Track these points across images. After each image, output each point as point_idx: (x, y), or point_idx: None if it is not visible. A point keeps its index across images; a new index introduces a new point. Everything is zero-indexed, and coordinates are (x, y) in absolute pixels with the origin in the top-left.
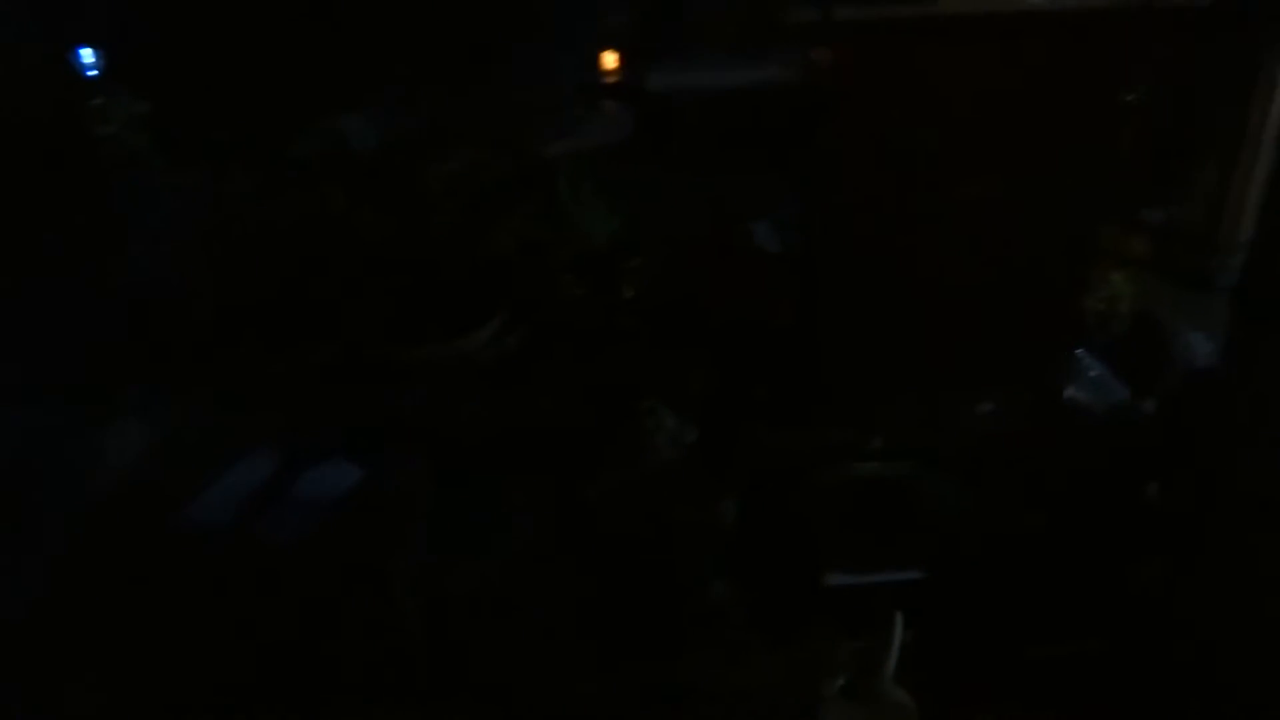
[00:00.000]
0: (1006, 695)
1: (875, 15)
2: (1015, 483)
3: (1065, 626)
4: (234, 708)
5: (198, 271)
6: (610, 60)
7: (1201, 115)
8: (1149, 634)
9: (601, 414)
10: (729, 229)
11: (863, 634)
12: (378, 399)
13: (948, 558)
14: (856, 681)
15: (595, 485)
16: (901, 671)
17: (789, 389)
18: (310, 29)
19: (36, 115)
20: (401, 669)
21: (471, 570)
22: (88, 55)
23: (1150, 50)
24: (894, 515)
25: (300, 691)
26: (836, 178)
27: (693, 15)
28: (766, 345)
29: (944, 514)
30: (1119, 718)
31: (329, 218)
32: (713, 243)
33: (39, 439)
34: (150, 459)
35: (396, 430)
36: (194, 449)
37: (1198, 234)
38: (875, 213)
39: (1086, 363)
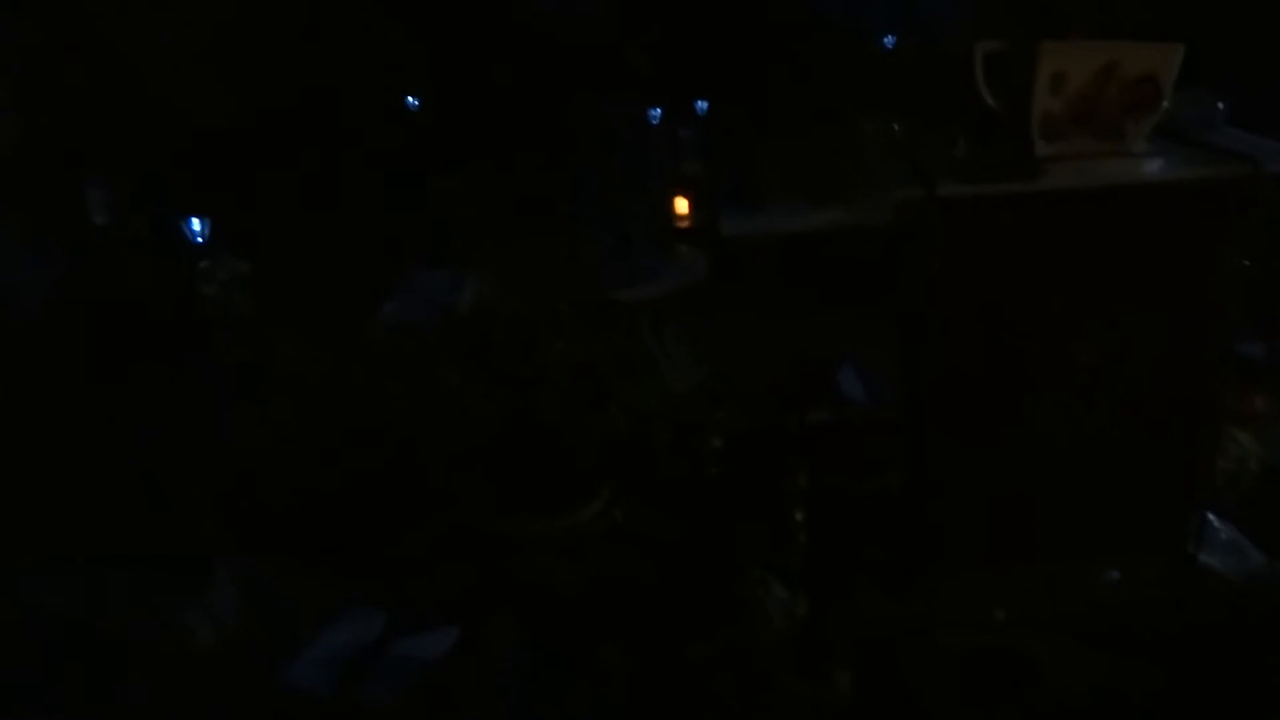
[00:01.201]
0: None
1: (978, 192)
2: (1146, 655)
3: None
4: None
5: (313, 441)
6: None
7: None
8: None
9: (708, 583)
10: (822, 381)
11: None
12: (484, 567)
13: None
14: None
15: (705, 647)
16: None
17: (902, 556)
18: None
19: (145, 280)
20: None
21: None
22: (195, 224)
23: (1257, 217)
24: (1016, 687)
25: None
26: (942, 340)
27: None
28: (875, 509)
29: (1069, 687)
30: None
31: (442, 394)
32: (804, 395)
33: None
34: (253, 622)
35: (499, 595)
36: (297, 613)
37: None
38: (985, 375)
39: (1218, 526)
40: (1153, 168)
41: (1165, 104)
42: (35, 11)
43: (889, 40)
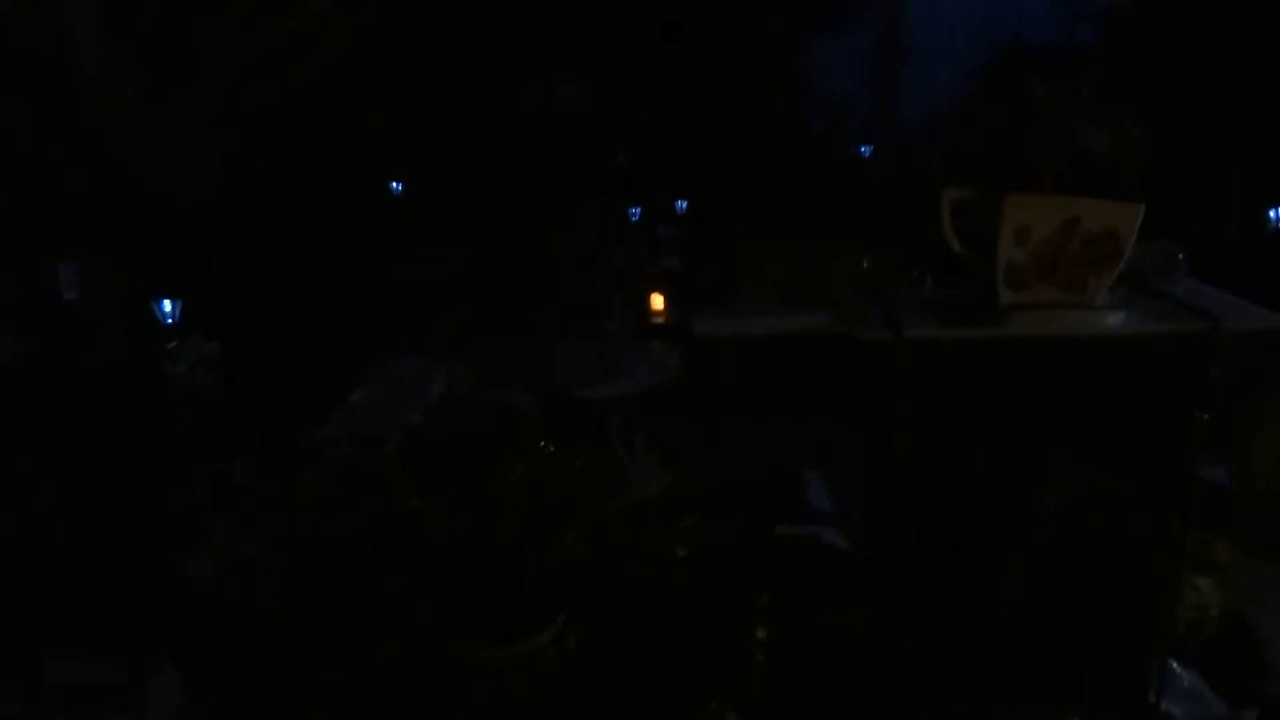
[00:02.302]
0: None
1: (944, 335)
2: None
3: None
4: None
5: (265, 558)
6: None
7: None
8: None
9: (667, 713)
10: (791, 492)
11: None
12: (436, 693)
13: None
14: None
15: None
16: None
17: (862, 693)
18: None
19: (112, 357)
20: None
21: None
22: (167, 304)
23: (1216, 372)
24: None
25: None
26: (908, 476)
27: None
28: (837, 639)
29: None
30: None
31: (399, 516)
32: (772, 506)
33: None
34: None
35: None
36: None
37: (1264, 499)
38: (950, 513)
39: (1179, 673)
40: (1114, 320)
41: (1124, 260)
42: (21, 90)
43: (865, 150)
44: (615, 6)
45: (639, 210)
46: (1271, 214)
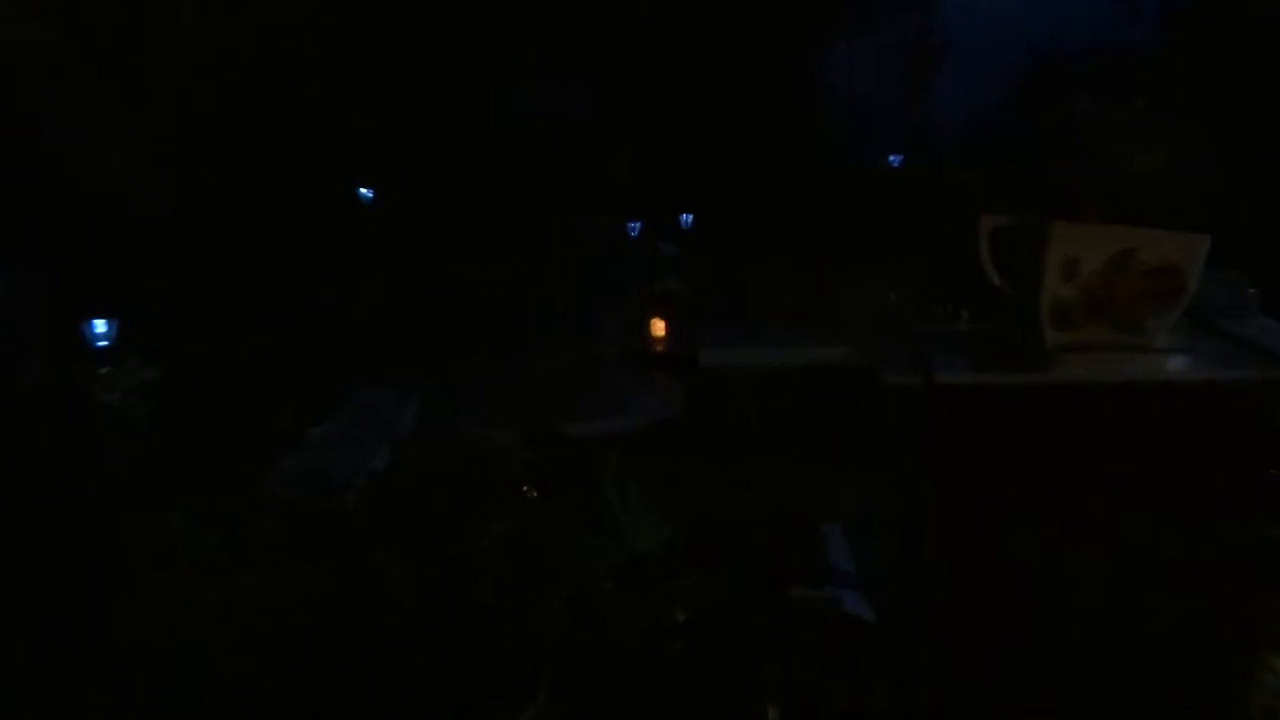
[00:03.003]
0: None
1: (980, 381)
2: None
3: None
4: None
5: (211, 619)
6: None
7: None
8: None
9: None
10: (807, 549)
11: None
12: None
13: None
14: None
15: None
16: None
17: None
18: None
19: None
20: None
21: None
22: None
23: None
24: None
25: None
26: (939, 534)
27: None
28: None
29: None
30: None
31: (361, 572)
32: (785, 565)
33: None
34: None
35: None
36: None
37: None
38: (984, 576)
39: None
40: (1175, 365)
41: (1187, 298)
42: None
43: (894, 159)
44: None
45: (639, 225)
46: None
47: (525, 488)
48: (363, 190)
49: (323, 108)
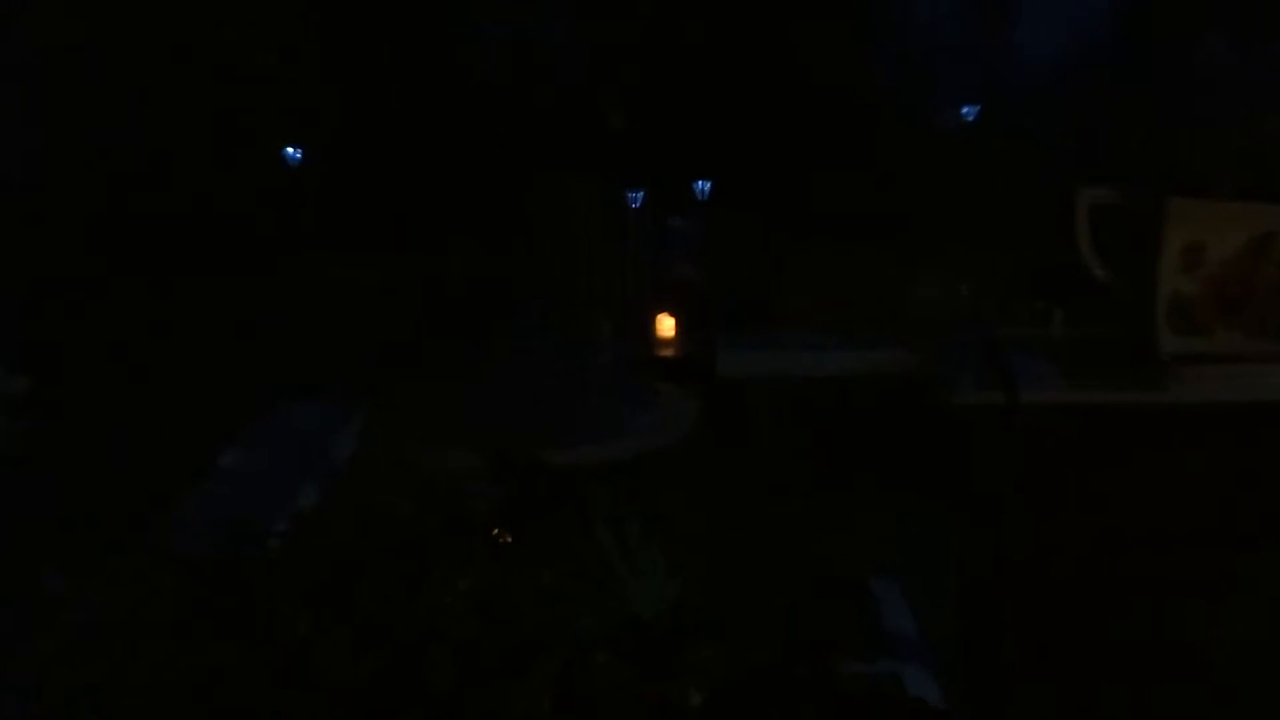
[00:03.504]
0: None
1: (1079, 400)
2: None
3: None
4: None
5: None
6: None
7: None
8: None
9: None
10: (855, 610)
11: None
12: None
13: None
14: None
15: None
16: None
17: None
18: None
19: None
20: None
21: None
22: None
23: None
24: None
25: None
26: (1025, 598)
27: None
28: None
29: None
30: None
31: (284, 646)
32: (827, 630)
33: None
34: None
35: None
36: None
37: None
38: (1081, 650)
39: None
40: None
41: None
42: None
43: (967, 111)
44: None
45: (640, 194)
46: None
47: (496, 531)
48: (288, 149)
49: (229, 39)
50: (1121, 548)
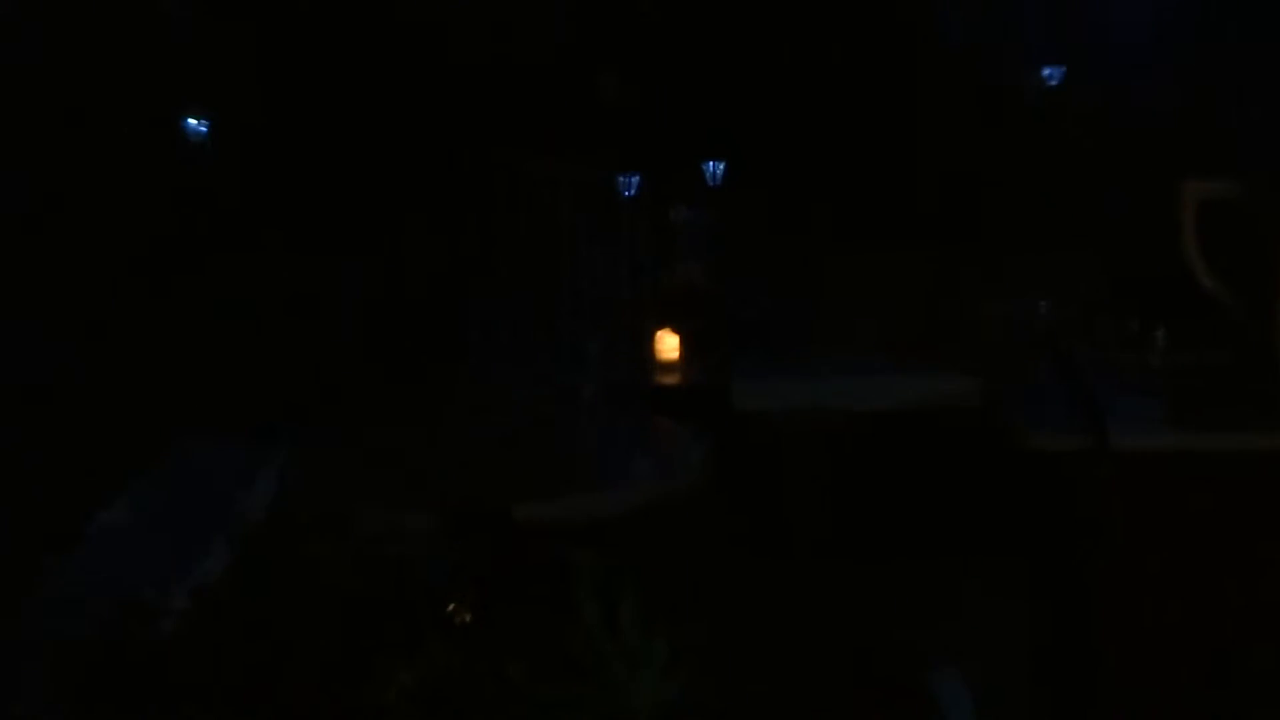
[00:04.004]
0: None
1: (1186, 446)
2: None
3: None
4: None
5: None
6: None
7: None
8: None
9: None
10: (908, 708)
11: None
12: None
13: None
14: None
15: None
16: None
17: None
18: None
19: None
20: None
21: None
22: None
23: None
24: None
25: None
26: (1120, 685)
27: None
28: None
29: None
30: None
31: None
32: None
33: None
34: None
35: None
36: None
37: None
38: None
39: None
40: None
41: None
42: None
43: (1050, 74)
44: None
45: (636, 179)
46: None
47: (451, 609)
48: (190, 121)
49: None
50: (1238, 621)
